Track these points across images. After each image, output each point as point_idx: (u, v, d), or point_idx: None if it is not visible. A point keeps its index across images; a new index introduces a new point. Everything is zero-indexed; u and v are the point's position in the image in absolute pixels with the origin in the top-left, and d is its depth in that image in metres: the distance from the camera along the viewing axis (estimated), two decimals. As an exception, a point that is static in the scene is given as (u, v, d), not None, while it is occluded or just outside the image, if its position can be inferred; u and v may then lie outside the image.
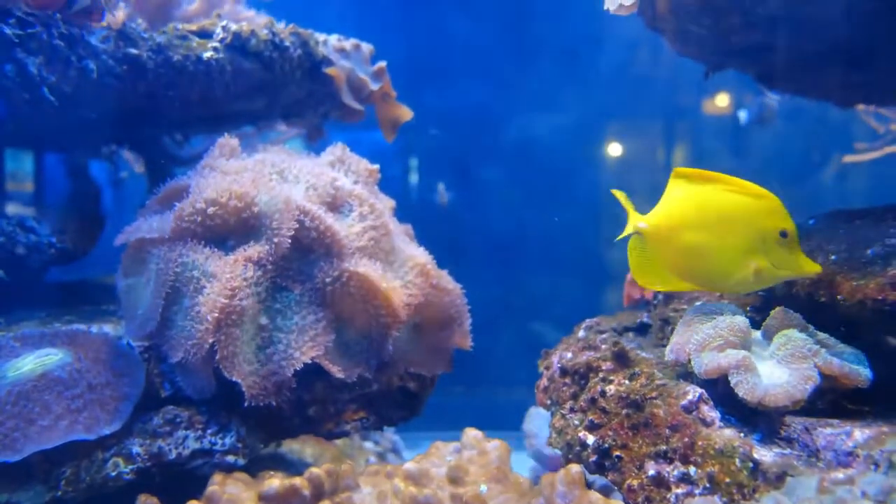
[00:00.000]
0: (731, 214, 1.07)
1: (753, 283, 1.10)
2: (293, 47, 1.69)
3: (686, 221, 1.12)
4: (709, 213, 1.09)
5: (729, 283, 1.11)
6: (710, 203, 1.09)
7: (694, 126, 3.57)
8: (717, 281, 1.13)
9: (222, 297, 1.21)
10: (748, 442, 0.99)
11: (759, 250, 1.05)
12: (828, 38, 1.33)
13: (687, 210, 1.12)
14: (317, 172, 1.43)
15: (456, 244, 3.33)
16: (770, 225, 1.03)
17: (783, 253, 1.04)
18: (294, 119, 2.01)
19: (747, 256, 1.06)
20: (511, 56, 3.45)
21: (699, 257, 1.11)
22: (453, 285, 1.50)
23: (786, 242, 1.04)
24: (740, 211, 1.06)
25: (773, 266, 1.05)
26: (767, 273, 1.06)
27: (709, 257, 1.10)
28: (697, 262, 1.12)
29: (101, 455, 1.23)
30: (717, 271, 1.11)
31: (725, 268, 1.09)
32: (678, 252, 1.13)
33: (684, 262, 1.14)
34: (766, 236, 1.04)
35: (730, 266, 1.08)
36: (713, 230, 1.09)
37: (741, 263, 1.07)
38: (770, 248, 1.04)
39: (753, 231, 1.05)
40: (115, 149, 2.06)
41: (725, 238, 1.08)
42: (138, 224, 1.37)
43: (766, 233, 1.04)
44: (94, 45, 1.39)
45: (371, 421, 1.48)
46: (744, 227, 1.06)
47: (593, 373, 1.24)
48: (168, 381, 1.34)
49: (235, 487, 1.15)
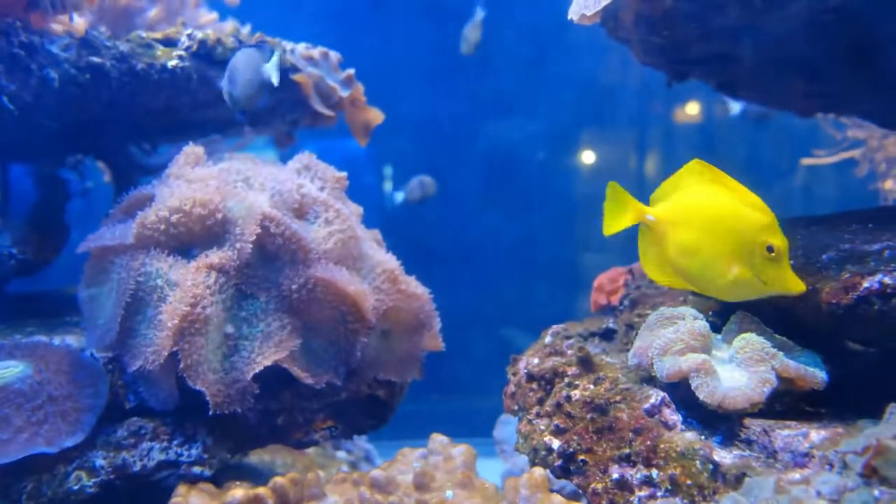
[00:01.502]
0: (725, 220, 1.08)
1: (737, 292, 1.10)
2: (260, 55, 1.68)
3: (684, 219, 1.13)
4: (705, 215, 1.10)
5: (714, 288, 1.12)
6: (708, 205, 1.10)
7: (664, 133, 3.62)
8: (704, 283, 1.13)
9: (183, 305, 1.20)
10: (709, 444, 1.01)
11: (745, 261, 1.06)
12: (785, 50, 1.36)
13: (688, 207, 1.13)
14: (282, 179, 1.43)
15: (428, 251, 3.33)
16: (759, 238, 1.04)
17: (769, 268, 1.05)
18: (262, 127, 2.01)
19: (732, 264, 1.07)
20: (482, 64, 3.47)
21: (690, 256, 1.12)
22: (422, 290, 1.50)
23: (773, 258, 1.04)
24: (733, 219, 1.07)
25: (757, 279, 1.06)
26: (751, 285, 1.07)
27: (698, 258, 1.11)
28: (689, 262, 1.13)
29: (64, 468, 1.21)
30: (705, 274, 1.11)
31: (712, 271, 1.10)
32: (674, 248, 1.15)
33: (678, 259, 1.15)
34: (754, 248, 1.05)
35: (715, 271, 1.09)
36: (706, 232, 1.10)
37: (726, 270, 1.08)
38: (757, 261, 1.05)
39: (742, 241, 1.06)
40: (80, 158, 2.03)
41: (715, 242, 1.09)
42: (101, 233, 1.35)
43: (754, 245, 1.05)
44: (55, 54, 1.38)
45: (340, 429, 1.47)
46: (733, 235, 1.07)
47: (559, 378, 1.25)
48: (132, 393, 1.32)
49: (200, 498, 1.14)
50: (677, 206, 1.15)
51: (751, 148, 3.39)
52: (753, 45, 1.34)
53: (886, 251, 1.03)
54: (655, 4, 1.24)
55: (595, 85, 3.58)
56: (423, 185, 3.22)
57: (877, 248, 1.04)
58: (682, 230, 1.13)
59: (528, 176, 3.60)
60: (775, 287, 1.05)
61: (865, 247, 1.06)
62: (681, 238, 1.14)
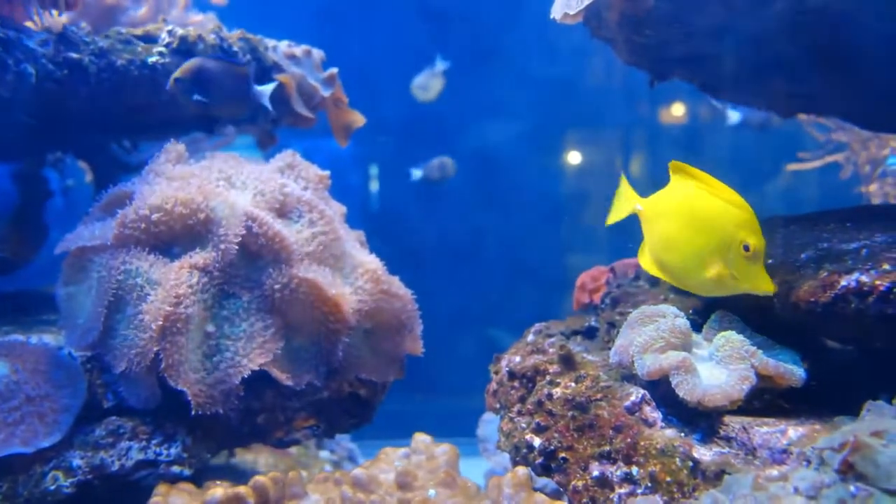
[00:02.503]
0: (705, 216, 1.08)
1: (713, 288, 1.11)
2: (242, 53, 1.67)
3: (668, 211, 1.14)
4: (687, 209, 1.11)
5: (692, 282, 1.13)
6: (691, 200, 1.11)
7: (650, 133, 3.63)
8: (683, 278, 1.14)
9: (166, 305, 1.19)
10: (688, 441, 1.01)
11: (722, 257, 1.07)
12: (766, 50, 1.37)
13: (672, 201, 1.14)
14: (265, 178, 1.42)
15: (413, 251, 3.33)
16: (737, 235, 1.05)
17: (744, 265, 1.05)
18: (244, 125, 1.99)
19: (711, 259, 1.08)
20: (466, 64, 3.47)
21: (670, 250, 1.14)
22: (404, 291, 1.50)
23: (749, 256, 1.05)
24: (713, 214, 1.08)
25: (732, 276, 1.07)
26: (727, 280, 1.08)
27: (678, 251, 1.12)
28: (669, 255, 1.14)
29: (40, 469, 1.20)
30: (684, 267, 1.12)
31: (691, 266, 1.11)
32: (657, 241, 1.16)
33: (660, 253, 1.16)
34: (731, 245, 1.05)
35: (694, 265, 1.10)
36: (687, 226, 1.11)
37: (704, 265, 1.09)
38: (734, 257, 1.05)
39: (720, 237, 1.06)
40: (60, 156, 2.01)
41: (695, 237, 1.10)
42: (80, 231, 1.34)
43: (731, 241, 1.05)
44: (32, 49, 1.36)
45: (321, 428, 1.47)
46: (712, 231, 1.07)
47: (540, 376, 1.25)
48: (111, 392, 1.31)
49: (179, 498, 1.13)
50: (662, 200, 1.17)
51: (735, 150, 3.41)
52: (734, 45, 1.35)
53: (863, 250, 1.04)
54: (638, 4, 1.24)
55: (580, 85, 3.60)
56: (444, 165, 3.14)
57: (854, 247, 1.05)
58: (664, 224, 1.14)
59: (513, 176, 3.60)
60: (747, 285, 1.06)
61: (843, 245, 1.07)
62: (662, 231, 1.15)
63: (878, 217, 1.23)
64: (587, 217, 3.62)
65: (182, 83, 1.44)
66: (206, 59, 1.47)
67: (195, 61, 1.45)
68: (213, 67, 1.47)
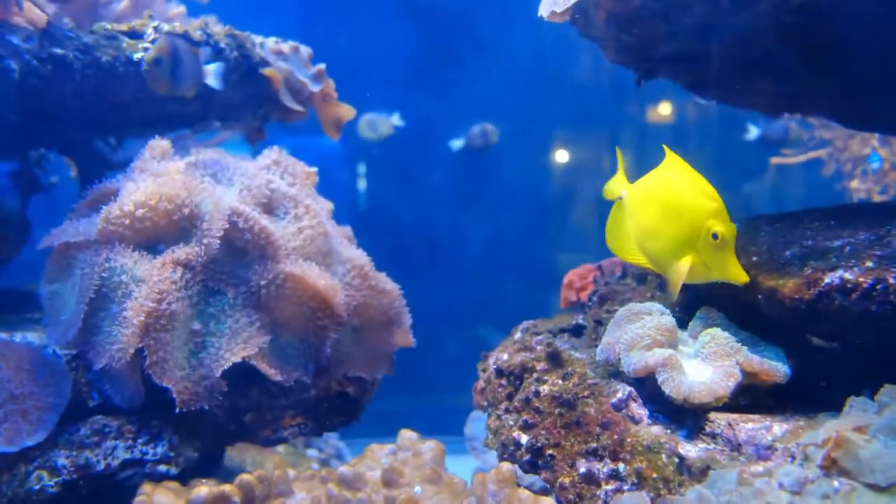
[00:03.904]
0: (678, 205, 1.10)
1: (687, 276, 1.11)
2: (229, 49, 1.66)
3: (648, 199, 1.16)
4: (663, 199, 1.13)
5: (668, 270, 1.14)
6: (666, 189, 1.13)
7: (637, 132, 3.65)
8: (660, 264, 1.16)
9: (149, 301, 1.18)
10: (674, 438, 1.02)
11: (693, 246, 1.08)
12: (751, 49, 1.37)
13: (651, 190, 1.16)
14: (251, 174, 1.41)
15: (402, 249, 3.33)
16: (706, 224, 1.06)
17: (715, 254, 1.06)
18: (232, 122, 1.98)
19: (683, 248, 1.09)
20: (455, 62, 3.47)
21: (649, 238, 1.15)
22: (392, 286, 1.50)
23: (719, 245, 1.06)
24: (684, 204, 1.09)
25: (704, 264, 1.08)
26: (698, 269, 1.09)
27: (655, 239, 1.14)
28: (648, 243, 1.16)
29: (24, 468, 1.19)
30: (660, 254, 1.14)
31: (666, 253, 1.12)
32: (638, 228, 1.17)
33: (641, 240, 1.17)
34: (701, 234, 1.06)
35: (669, 253, 1.11)
36: (662, 216, 1.12)
37: (678, 253, 1.10)
38: (704, 246, 1.06)
39: (690, 226, 1.08)
40: (43, 152, 1.99)
41: (669, 225, 1.11)
42: (63, 227, 1.33)
43: (700, 230, 1.06)
44: (15, 45, 1.35)
45: (309, 427, 1.46)
46: (683, 220, 1.09)
47: (528, 373, 1.25)
48: (96, 391, 1.30)
49: (165, 497, 1.12)
50: (644, 187, 1.18)
51: (722, 147, 3.43)
52: (719, 44, 1.35)
53: (847, 247, 1.04)
54: (624, 3, 1.24)
55: (568, 84, 3.60)
56: (486, 132, 3.06)
57: (838, 245, 1.06)
58: (645, 211, 1.16)
59: (501, 174, 3.61)
60: (717, 273, 1.07)
61: (827, 243, 1.08)
62: (643, 219, 1.16)
63: (861, 215, 1.24)
64: (575, 215, 3.63)
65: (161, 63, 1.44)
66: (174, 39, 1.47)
67: (166, 40, 1.46)
68: (181, 47, 1.48)
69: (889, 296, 0.94)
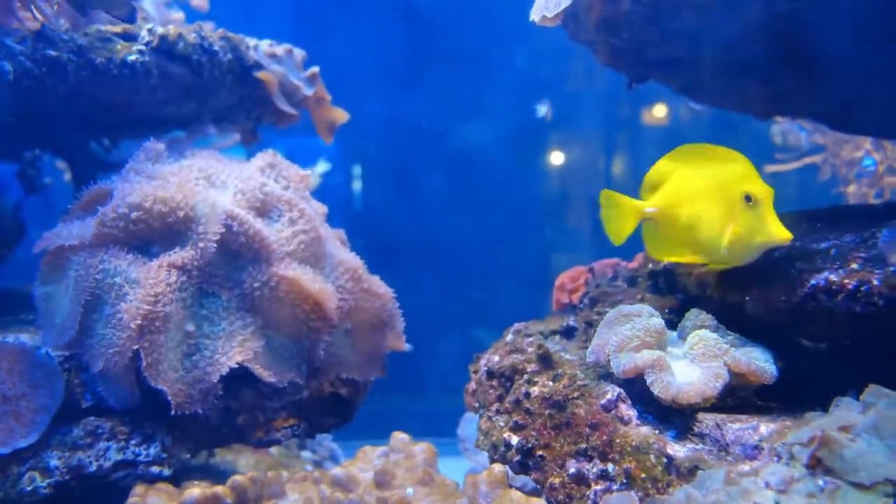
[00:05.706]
0: (708, 185, 1.08)
1: (736, 253, 1.07)
2: (223, 52, 1.67)
3: (680, 198, 1.15)
4: (693, 188, 1.12)
5: (719, 254, 1.10)
6: (693, 177, 1.12)
7: (631, 134, 3.66)
8: (710, 252, 1.12)
9: (145, 304, 1.19)
10: (663, 438, 1.03)
11: (733, 217, 1.04)
12: (740, 53, 1.39)
13: (680, 187, 1.16)
14: (245, 177, 1.42)
15: (395, 251, 3.33)
16: (735, 190, 1.02)
17: (752, 218, 1.02)
18: (226, 124, 1.99)
19: (725, 225, 1.06)
20: (449, 64, 3.48)
21: (693, 230, 1.14)
22: (385, 289, 1.51)
23: (753, 206, 1.01)
24: (714, 180, 1.07)
25: (745, 233, 1.03)
26: (743, 240, 1.04)
27: (699, 229, 1.12)
28: (694, 235, 1.14)
29: (17, 469, 1.19)
30: (707, 242, 1.11)
31: (712, 238, 1.09)
32: (680, 228, 1.16)
33: (687, 236, 1.16)
34: (733, 202, 1.03)
35: (714, 236, 1.08)
36: (698, 203, 1.11)
37: (722, 232, 1.06)
38: (740, 214, 1.02)
39: (723, 198, 1.04)
40: (37, 154, 1.99)
41: (707, 209, 1.09)
42: (58, 230, 1.33)
43: (732, 199, 1.03)
44: (9, 46, 1.35)
45: (302, 428, 1.47)
46: (717, 196, 1.06)
47: (518, 375, 1.26)
48: (89, 392, 1.30)
49: (157, 498, 1.13)
50: (670, 190, 1.18)
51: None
52: (709, 48, 1.37)
53: (833, 249, 1.06)
54: (614, 7, 1.26)
55: (562, 86, 3.62)
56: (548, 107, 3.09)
57: (824, 247, 1.07)
58: (681, 209, 1.15)
59: (495, 176, 3.62)
60: (761, 238, 1.02)
61: (814, 245, 1.09)
62: (682, 216, 1.15)
63: (848, 217, 1.26)
64: (568, 218, 3.65)
65: None
66: None
67: None
68: None
69: (873, 297, 0.96)
